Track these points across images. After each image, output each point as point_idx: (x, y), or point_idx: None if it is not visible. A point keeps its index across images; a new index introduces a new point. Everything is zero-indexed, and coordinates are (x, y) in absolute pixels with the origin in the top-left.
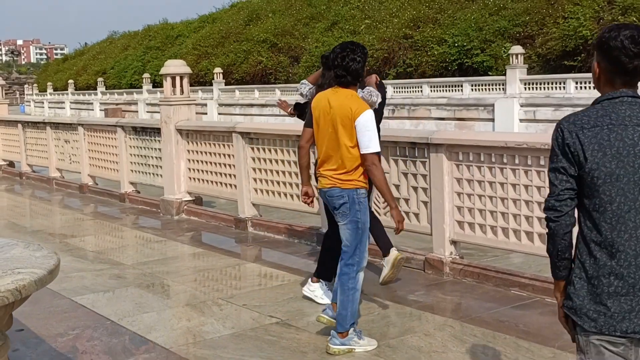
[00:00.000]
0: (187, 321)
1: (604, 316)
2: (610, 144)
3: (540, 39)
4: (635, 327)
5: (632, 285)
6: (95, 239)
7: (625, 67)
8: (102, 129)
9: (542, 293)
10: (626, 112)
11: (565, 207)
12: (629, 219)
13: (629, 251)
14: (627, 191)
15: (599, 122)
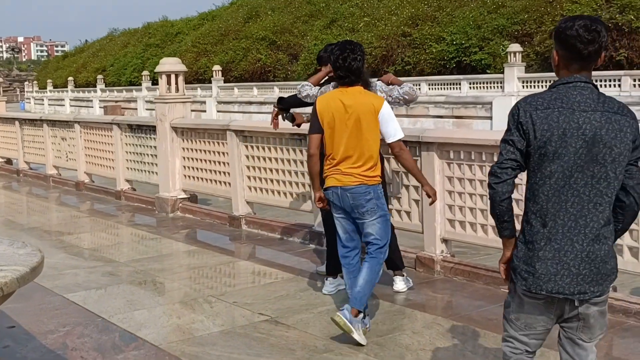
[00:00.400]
0: (178, 318)
1: (533, 276)
2: (558, 125)
3: (538, 37)
4: (559, 288)
5: (557, 250)
6: (90, 236)
7: (581, 53)
8: (98, 127)
9: None
10: (576, 98)
11: (505, 175)
12: (562, 192)
13: (559, 221)
14: (565, 169)
15: (551, 105)
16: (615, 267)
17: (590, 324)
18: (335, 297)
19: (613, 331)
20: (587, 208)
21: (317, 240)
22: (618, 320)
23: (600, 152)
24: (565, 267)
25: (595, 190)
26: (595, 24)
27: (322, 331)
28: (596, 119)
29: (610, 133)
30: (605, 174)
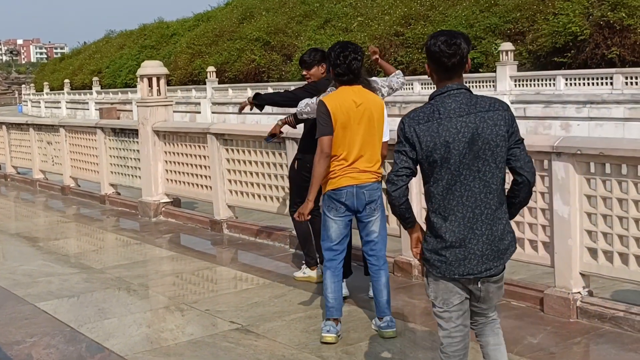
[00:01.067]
0: (147, 327)
1: (445, 264)
2: (439, 134)
3: (530, 36)
4: (469, 270)
5: (462, 239)
6: (71, 242)
7: (446, 65)
8: (82, 131)
9: (508, 297)
10: (452, 105)
11: (401, 182)
12: (456, 190)
13: (458, 214)
14: (454, 170)
15: (431, 118)
16: (512, 241)
17: (489, 297)
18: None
19: (588, 337)
20: (480, 198)
21: (297, 244)
22: (593, 326)
23: (481, 149)
24: (471, 252)
25: (483, 182)
26: (454, 38)
27: (292, 340)
28: (471, 121)
29: (486, 130)
30: (489, 167)
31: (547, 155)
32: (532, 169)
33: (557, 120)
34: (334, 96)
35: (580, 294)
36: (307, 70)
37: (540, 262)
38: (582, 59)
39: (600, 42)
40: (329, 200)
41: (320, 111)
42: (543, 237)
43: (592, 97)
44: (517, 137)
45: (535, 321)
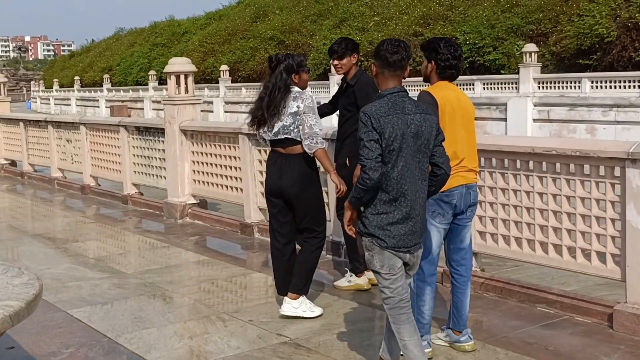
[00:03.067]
0: (190, 339)
1: (389, 237)
2: (398, 127)
3: (554, 37)
4: (408, 243)
5: (406, 217)
6: (95, 244)
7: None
8: (104, 129)
9: (571, 311)
10: (404, 104)
11: (380, 168)
12: (406, 176)
13: (409, 195)
14: (407, 158)
15: (390, 112)
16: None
17: (415, 263)
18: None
19: None
20: (418, 184)
21: (334, 251)
22: None
23: (423, 143)
24: (411, 228)
25: (421, 171)
26: (399, 42)
27: (347, 355)
28: (417, 119)
29: (427, 129)
30: (425, 159)
31: (619, 162)
32: (449, 166)
33: (582, 124)
34: (437, 87)
35: None
36: (338, 60)
37: (608, 276)
38: (608, 61)
39: (627, 45)
40: (437, 205)
41: (426, 101)
42: (612, 249)
43: (619, 100)
44: (442, 137)
45: (605, 339)
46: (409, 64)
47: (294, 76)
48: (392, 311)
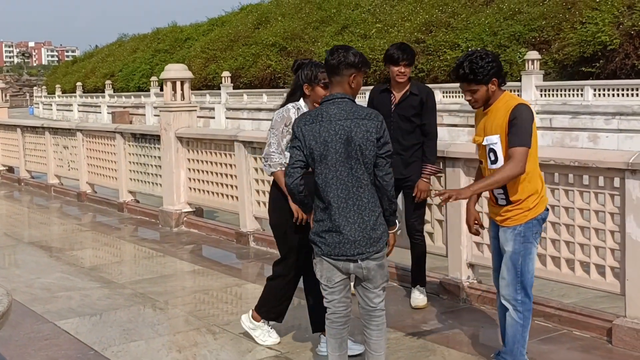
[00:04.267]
0: (178, 352)
1: (325, 245)
2: (320, 135)
3: (556, 45)
4: (344, 252)
5: (337, 225)
6: (89, 252)
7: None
8: (101, 135)
9: (570, 325)
10: (334, 111)
11: (296, 174)
12: (333, 183)
13: (334, 204)
14: (331, 166)
15: (315, 120)
16: (384, 232)
17: (372, 275)
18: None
19: None
20: (352, 191)
21: None
22: None
23: (353, 149)
24: (344, 237)
25: (355, 178)
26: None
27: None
28: (347, 125)
29: (358, 134)
30: (359, 165)
31: (619, 173)
32: (390, 181)
33: (584, 132)
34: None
35: None
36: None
37: (607, 289)
38: (611, 69)
39: (630, 52)
40: (539, 226)
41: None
42: (612, 261)
43: (622, 108)
44: (387, 149)
45: (604, 355)
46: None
47: (305, 87)
48: (326, 320)
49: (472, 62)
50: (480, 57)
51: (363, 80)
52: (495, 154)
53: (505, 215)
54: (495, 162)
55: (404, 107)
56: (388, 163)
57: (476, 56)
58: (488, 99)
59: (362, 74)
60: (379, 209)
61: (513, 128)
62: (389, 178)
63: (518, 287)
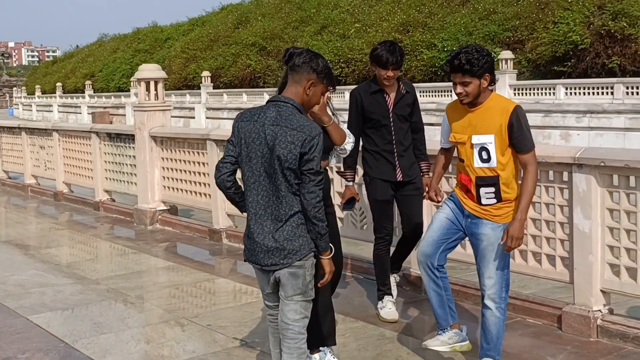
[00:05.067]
0: (146, 344)
1: (246, 249)
2: (249, 135)
3: (530, 44)
4: (258, 260)
5: (253, 232)
6: (64, 250)
7: (292, 71)
8: (76, 135)
9: (523, 313)
10: (271, 114)
11: (224, 169)
12: (253, 188)
13: (252, 210)
14: (254, 169)
15: (251, 119)
16: (304, 245)
17: (283, 282)
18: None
19: (610, 358)
20: (272, 199)
21: None
22: (615, 346)
23: (274, 158)
24: (259, 245)
25: (275, 186)
26: (311, 51)
27: None
28: (275, 132)
29: (282, 144)
30: (281, 174)
31: (567, 167)
32: (313, 201)
33: (556, 130)
34: (500, 95)
35: (601, 312)
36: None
37: (558, 278)
38: (583, 68)
39: (601, 52)
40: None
41: (526, 118)
42: (562, 252)
43: (593, 106)
44: (310, 166)
45: (553, 340)
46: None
47: None
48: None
49: (468, 54)
50: (476, 50)
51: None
52: (489, 153)
53: (496, 212)
54: (488, 161)
55: (401, 107)
56: (312, 182)
57: (472, 49)
58: (478, 95)
59: (322, 87)
60: (301, 221)
61: (519, 132)
62: (311, 198)
63: (504, 285)
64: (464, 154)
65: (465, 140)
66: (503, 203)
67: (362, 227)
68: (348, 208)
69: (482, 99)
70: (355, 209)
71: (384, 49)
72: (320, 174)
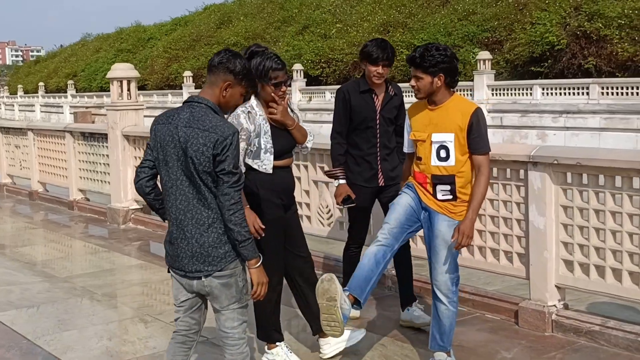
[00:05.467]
0: (108, 340)
1: (167, 256)
2: (163, 137)
3: (508, 45)
4: (181, 267)
5: (175, 237)
6: (35, 249)
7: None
8: (51, 135)
9: (482, 308)
10: (185, 115)
11: (142, 174)
12: (173, 192)
13: (172, 215)
14: (171, 173)
15: (167, 121)
16: (229, 252)
17: (215, 294)
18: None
19: (563, 352)
20: (192, 204)
21: None
22: (569, 340)
23: (190, 160)
24: (182, 251)
25: (195, 189)
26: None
27: (261, 350)
28: (187, 134)
29: (193, 146)
30: (198, 177)
31: (523, 165)
32: (227, 203)
33: (533, 130)
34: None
35: (555, 307)
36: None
37: (515, 274)
38: (559, 68)
39: (577, 52)
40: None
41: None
42: (518, 248)
43: (569, 106)
44: (223, 167)
45: (509, 335)
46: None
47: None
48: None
49: (426, 50)
50: (435, 48)
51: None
52: (447, 151)
53: (453, 209)
54: (446, 159)
55: (388, 109)
56: (226, 183)
57: (433, 46)
58: (432, 94)
59: (241, 88)
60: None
61: (477, 133)
62: (225, 200)
63: (454, 279)
64: (422, 152)
65: (425, 137)
66: (461, 201)
67: (329, 225)
68: (349, 204)
69: (442, 99)
70: (322, 206)
71: (375, 45)
72: (235, 175)
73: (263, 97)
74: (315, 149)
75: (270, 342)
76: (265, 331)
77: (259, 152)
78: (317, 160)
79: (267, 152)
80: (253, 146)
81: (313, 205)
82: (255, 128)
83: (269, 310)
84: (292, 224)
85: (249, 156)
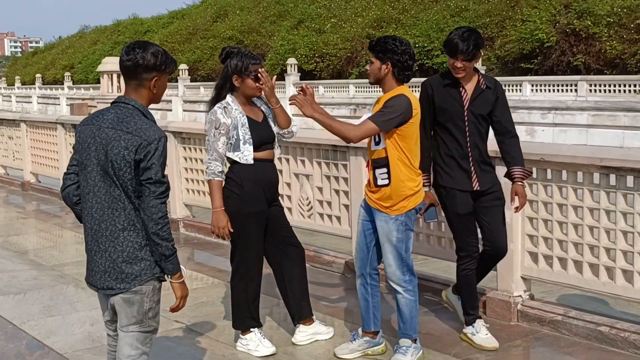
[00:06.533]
0: (90, 325)
1: (86, 268)
2: (85, 139)
3: (499, 41)
4: (94, 282)
5: (89, 250)
6: (27, 238)
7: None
8: (43, 126)
9: None
10: (109, 116)
11: (68, 181)
12: (89, 199)
13: (87, 224)
14: (89, 178)
15: (91, 122)
16: (146, 270)
17: (118, 311)
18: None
19: (527, 340)
20: (107, 213)
21: None
22: (532, 329)
23: (110, 164)
24: (96, 265)
25: (112, 197)
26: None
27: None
28: (109, 136)
29: (114, 149)
30: (117, 184)
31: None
32: (154, 216)
33: (522, 126)
34: (407, 92)
35: (521, 298)
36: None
37: None
38: (549, 65)
39: (566, 50)
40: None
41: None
42: None
43: (557, 103)
44: (149, 176)
45: None
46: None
47: (234, 79)
48: None
49: (387, 37)
50: (399, 39)
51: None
52: (379, 135)
53: (385, 204)
54: (379, 143)
55: (479, 105)
56: (152, 194)
57: (393, 37)
58: (379, 80)
59: (166, 75)
60: (145, 242)
61: (383, 109)
62: (151, 213)
63: (405, 270)
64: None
65: None
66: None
67: (309, 217)
68: (431, 218)
69: (389, 88)
70: (302, 198)
71: (456, 35)
72: (163, 184)
73: (243, 90)
74: (296, 142)
75: (245, 329)
76: (240, 319)
77: (238, 143)
78: (298, 153)
79: (245, 142)
80: (232, 138)
81: (294, 198)
82: (232, 121)
83: (245, 299)
84: (279, 216)
85: (229, 149)
